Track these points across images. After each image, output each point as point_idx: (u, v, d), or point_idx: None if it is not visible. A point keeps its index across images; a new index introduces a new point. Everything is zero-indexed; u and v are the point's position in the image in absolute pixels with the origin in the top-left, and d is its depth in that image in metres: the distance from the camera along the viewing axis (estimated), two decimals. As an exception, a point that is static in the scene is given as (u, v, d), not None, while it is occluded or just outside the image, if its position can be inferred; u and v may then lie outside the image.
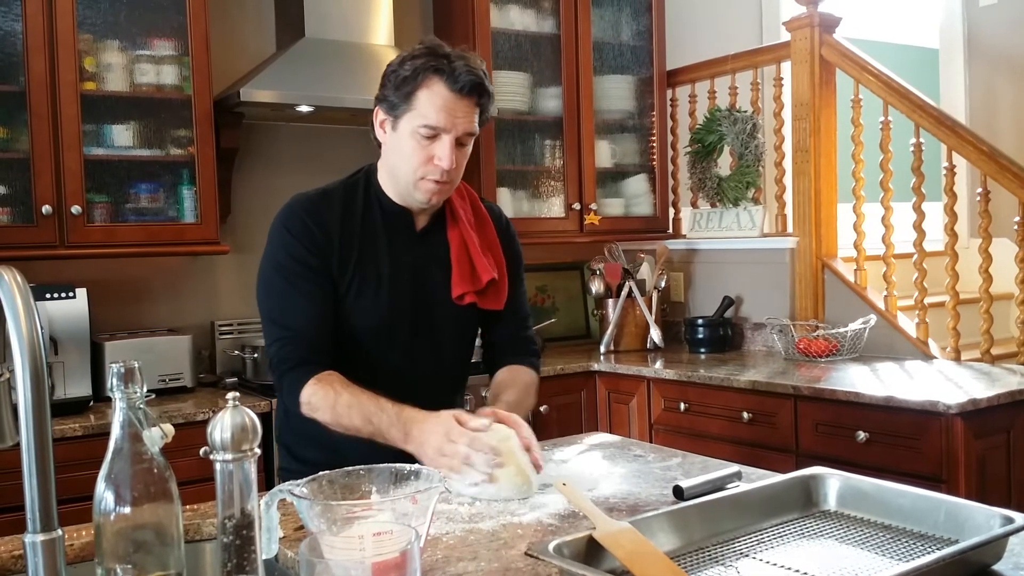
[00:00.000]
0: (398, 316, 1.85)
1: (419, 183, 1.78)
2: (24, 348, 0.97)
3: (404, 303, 1.85)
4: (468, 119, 1.76)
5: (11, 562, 1.36)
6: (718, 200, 3.92)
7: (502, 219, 2.02)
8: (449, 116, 1.73)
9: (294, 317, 1.78)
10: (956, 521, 1.25)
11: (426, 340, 1.88)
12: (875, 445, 2.65)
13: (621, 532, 1.19)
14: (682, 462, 1.81)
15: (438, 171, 1.75)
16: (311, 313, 1.78)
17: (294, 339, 1.77)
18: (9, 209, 2.84)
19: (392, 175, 1.83)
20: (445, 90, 1.72)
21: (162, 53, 3.05)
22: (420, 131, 1.73)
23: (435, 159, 1.74)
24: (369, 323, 1.83)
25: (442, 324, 1.90)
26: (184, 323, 3.35)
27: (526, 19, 3.84)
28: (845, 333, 3.29)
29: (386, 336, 1.85)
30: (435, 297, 1.88)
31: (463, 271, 1.87)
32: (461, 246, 1.88)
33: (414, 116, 1.74)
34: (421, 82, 1.72)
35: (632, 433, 3.40)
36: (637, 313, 3.84)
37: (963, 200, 3.84)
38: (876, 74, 3.36)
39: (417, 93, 1.72)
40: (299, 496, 1.13)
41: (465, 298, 1.88)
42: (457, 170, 1.79)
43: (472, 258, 1.88)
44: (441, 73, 1.72)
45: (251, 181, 3.51)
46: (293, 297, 1.78)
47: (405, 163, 1.78)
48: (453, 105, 1.73)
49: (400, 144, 1.77)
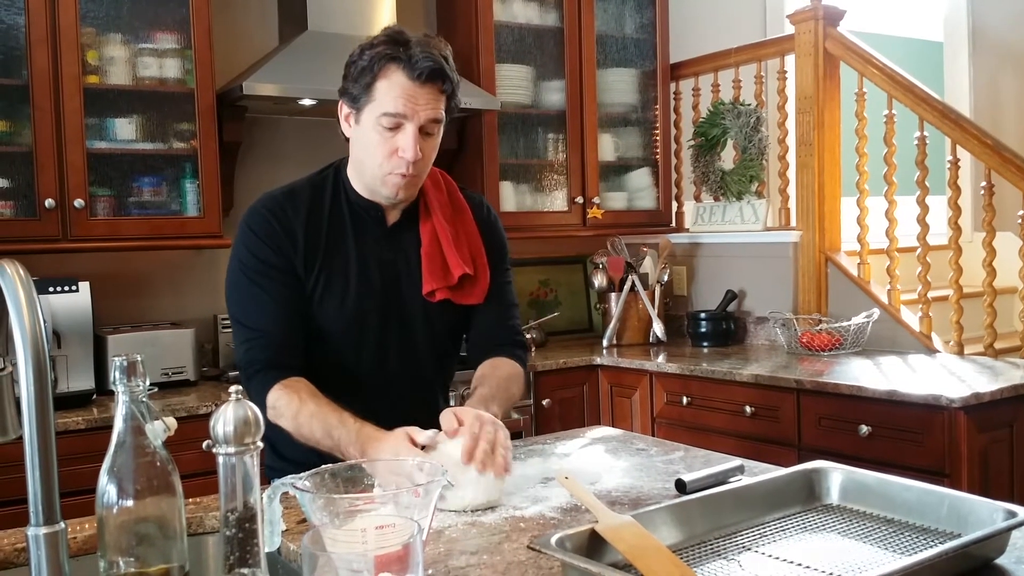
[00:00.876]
0: (368, 315, 1.79)
1: (386, 178, 1.72)
2: (27, 341, 0.97)
3: (374, 301, 1.79)
4: (431, 107, 1.68)
5: (14, 555, 1.36)
6: (721, 194, 3.92)
7: (483, 207, 1.95)
8: (410, 104, 1.66)
9: (260, 318, 1.73)
10: (959, 515, 1.25)
11: (399, 339, 1.82)
12: (878, 439, 2.65)
13: (623, 526, 1.19)
14: (684, 456, 1.81)
15: (403, 163, 1.69)
16: (277, 314, 1.73)
17: (261, 340, 1.72)
18: (12, 203, 2.84)
19: (359, 170, 1.78)
20: (403, 79, 1.66)
21: (165, 46, 3.05)
22: (382, 121, 1.67)
23: (399, 151, 1.68)
24: (337, 322, 1.78)
25: (415, 322, 1.83)
26: (187, 317, 3.35)
27: (529, 12, 3.83)
28: (848, 327, 3.29)
29: (356, 335, 1.79)
30: (406, 294, 1.82)
31: (433, 266, 1.81)
32: (433, 240, 1.82)
33: (375, 107, 1.68)
34: (379, 72, 1.66)
35: (634, 427, 3.40)
36: (640, 307, 3.84)
37: (967, 194, 3.83)
38: (880, 67, 3.35)
39: (376, 84, 1.67)
40: (302, 489, 1.13)
41: (436, 294, 1.81)
42: (424, 161, 1.72)
43: (444, 252, 1.81)
44: (398, 61, 1.66)
45: (254, 175, 3.50)
46: (259, 297, 1.74)
47: (370, 157, 1.72)
48: (413, 93, 1.66)
49: (364, 137, 1.72)
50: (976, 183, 3.99)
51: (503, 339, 1.91)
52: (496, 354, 1.88)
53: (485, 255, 1.88)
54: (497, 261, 1.92)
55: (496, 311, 1.91)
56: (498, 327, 1.91)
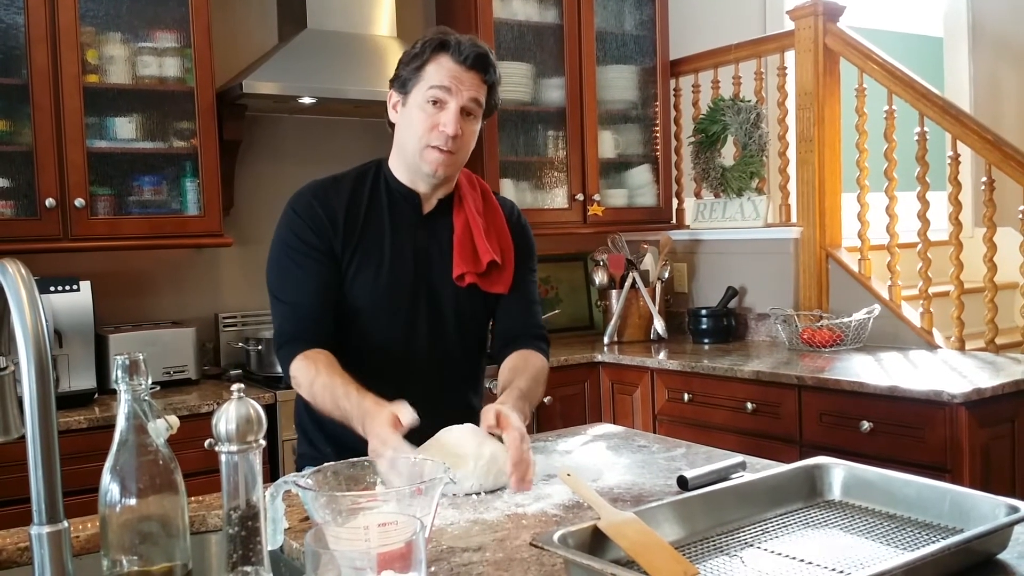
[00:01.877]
0: (399, 293, 1.86)
1: (424, 152, 1.81)
2: (29, 341, 0.98)
3: (405, 284, 1.87)
4: (474, 89, 1.81)
5: (17, 554, 1.36)
6: (722, 190, 3.91)
7: (514, 212, 2.04)
8: (455, 82, 1.79)
9: (293, 292, 1.84)
10: (961, 510, 1.25)
11: (428, 320, 1.89)
12: (879, 435, 2.65)
13: (626, 522, 1.19)
14: (686, 452, 1.81)
15: (443, 137, 1.79)
16: (309, 288, 1.83)
17: (291, 314, 1.83)
18: (13, 202, 2.84)
19: (401, 151, 1.87)
20: (451, 62, 1.79)
21: (164, 45, 3.05)
22: (428, 95, 1.79)
23: (441, 125, 1.79)
24: (369, 298, 1.85)
25: (444, 305, 1.90)
26: (188, 315, 3.35)
27: (529, 9, 3.83)
28: (849, 323, 3.29)
29: (386, 316, 1.86)
30: (438, 279, 1.89)
31: (464, 252, 1.89)
32: (464, 228, 1.91)
33: (422, 86, 1.80)
34: (429, 57, 1.80)
35: (636, 424, 3.40)
36: (640, 304, 3.84)
37: (967, 189, 3.82)
38: (880, 63, 3.34)
39: (426, 67, 1.80)
40: (304, 487, 1.14)
41: (466, 278, 1.89)
42: (463, 142, 1.83)
43: (475, 240, 1.90)
44: (447, 47, 1.80)
45: (254, 173, 3.50)
46: (295, 275, 1.84)
47: (412, 133, 1.82)
48: (459, 75, 1.79)
49: (410, 117, 1.83)
50: (977, 178, 3.99)
51: (527, 332, 1.98)
52: (521, 346, 1.94)
53: (513, 252, 1.96)
54: (525, 259, 2.00)
55: (521, 305, 1.99)
56: (522, 320, 1.98)
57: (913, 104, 3.27)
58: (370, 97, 3.20)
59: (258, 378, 3.14)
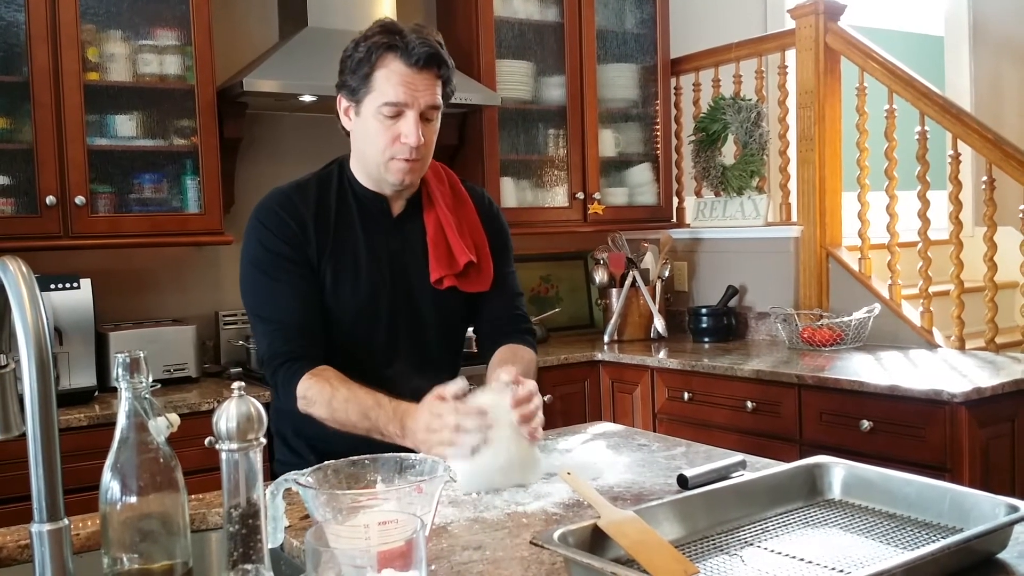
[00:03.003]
0: (377, 304, 1.82)
1: (389, 164, 1.75)
2: (30, 338, 0.98)
3: (382, 291, 1.82)
4: (429, 92, 1.73)
5: (18, 552, 1.36)
6: (722, 189, 3.91)
7: (484, 199, 1.99)
8: (409, 91, 1.70)
9: (280, 310, 1.76)
10: (961, 509, 1.25)
11: (408, 328, 1.85)
12: (879, 434, 2.65)
13: (626, 521, 1.19)
14: (686, 451, 1.81)
15: (406, 149, 1.73)
16: (296, 305, 1.76)
17: (283, 332, 1.75)
18: (13, 200, 2.84)
19: (362, 161, 1.81)
20: (402, 66, 1.70)
21: (165, 43, 3.05)
22: (383, 111, 1.71)
23: (401, 137, 1.72)
24: (348, 312, 1.80)
25: (424, 311, 1.86)
26: (188, 313, 3.35)
27: (529, 7, 3.83)
28: (849, 322, 3.29)
29: (366, 325, 1.82)
30: (415, 283, 1.85)
31: (439, 254, 1.84)
32: (437, 229, 1.85)
33: (375, 97, 1.72)
34: (376, 61, 1.70)
35: (636, 423, 3.40)
36: (641, 303, 3.84)
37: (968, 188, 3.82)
38: (881, 62, 3.34)
39: (374, 74, 1.71)
40: (305, 485, 1.14)
41: (444, 282, 1.84)
42: (427, 147, 1.76)
43: (448, 240, 1.84)
44: (395, 49, 1.70)
45: (255, 171, 3.50)
46: (276, 290, 1.76)
47: (372, 146, 1.75)
48: (412, 79, 1.70)
49: (365, 127, 1.75)
50: (977, 178, 3.99)
51: (513, 326, 1.95)
52: (508, 341, 1.91)
53: (488, 245, 1.91)
54: (500, 250, 1.95)
55: (503, 299, 1.94)
56: (506, 315, 1.95)
57: (914, 103, 3.26)
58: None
59: (258, 376, 3.14)
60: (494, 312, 1.94)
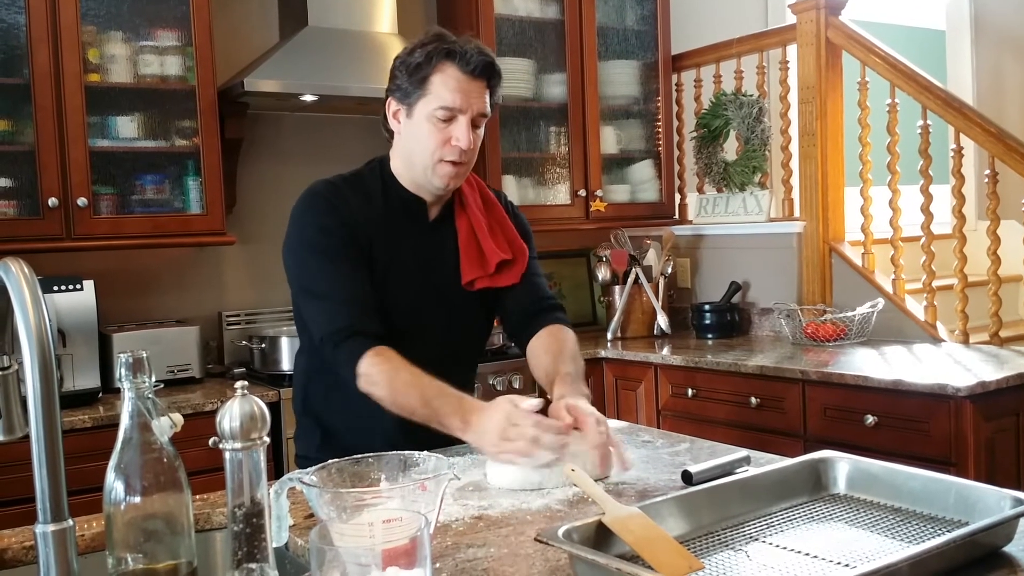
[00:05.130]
0: (412, 305, 1.85)
1: (437, 166, 1.79)
2: (33, 340, 0.98)
3: (414, 292, 1.85)
4: (481, 100, 1.79)
5: (22, 553, 1.37)
6: (724, 185, 3.91)
7: (504, 199, 2.04)
8: (464, 96, 1.75)
9: (338, 288, 1.75)
10: (966, 503, 1.25)
11: (440, 332, 1.88)
12: (884, 429, 2.65)
13: (630, 517, 1.19)
14: (690, 447, 1.81)
15: (456, 151, 1.77)
16: (355, 283, 1.76)
17: (343, 308, 1.74)
18: (15, 202, 2.85)
19: (407, 162, 1.84)
20: (458, 72, 1.75)
21: (165, 44, 3.05)
22: (437, 114, 1.76)
23: (453, 140, 1.76)
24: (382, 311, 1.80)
25: (452, 313, 1.89)
26: (191, 314, 3.36)
27: (530, 5, 3.82)
28: (853, 317, 3.29)
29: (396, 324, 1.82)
30: (445, 286, 1.88)
31: (470, 256, 1.88)
32: (468, 232, 1.89)
33: (429, 100, 1.76)
34: (435, 66, 1.75)
35: (640, 419, 3.40)
36: (644, 299, 3.84)
37: (971, 182, 3.82)
38: (882, 56, 3.34)
39: (431, 78, 1.75)
40: (309, 484, 1.14)
41: (476, 283, 1.88)
42: (472, 152, 1.81)
43: (480, 242, 1.89)
44: (454, 56, 1.75)
45: (256, 171, 3.50)
46: (333, 270, 1.76)
47: (422, 148, 1.79)
48: (467, 86, 1.76)
49: (416, 130, 1.79)
50: (980, 171, 3.98)
51: (541, 305, 1.98)
52: (541, 322, 1.94)
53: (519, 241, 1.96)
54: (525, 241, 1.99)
55: (528, 283, 1.97)
56: (534, 297, 1.98)
57: (916, 97, 3.26)
58: (372, 94, 3.20)
59: (262, 376, 3.14)
60: (521, 297, 1.96)
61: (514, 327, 1.99)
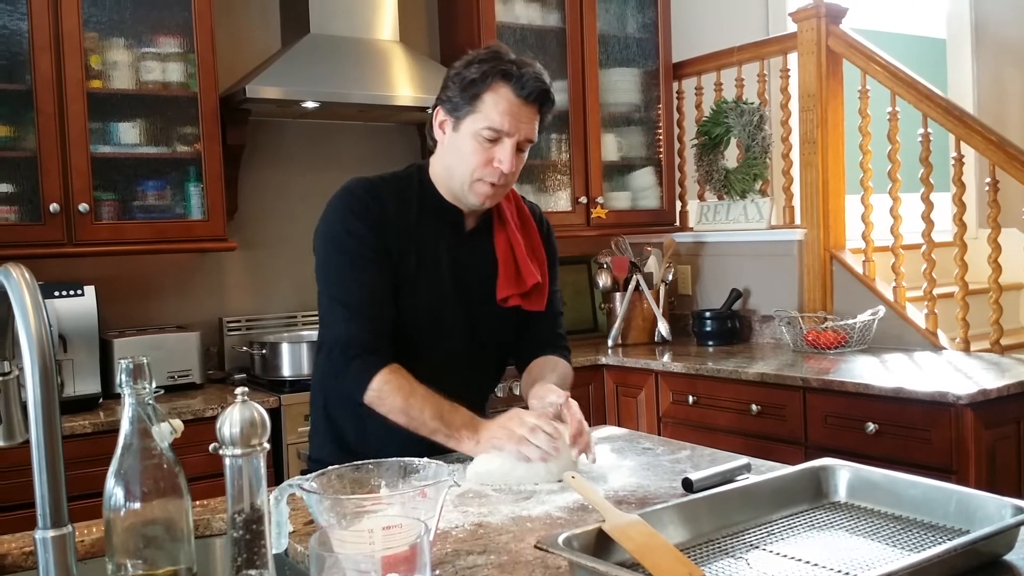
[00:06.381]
0: (440, 314, 1.84)
1: (475, 184, 1.78)
2: (33, 345, 0.98)
3: (444, 302, 1.84)
4: (530, 125, 1.77)
5: (22, 559, 1.36)
6: (725, 192, 3.91)
7: (543, 220, 2.04)
8: (514, 121, 1.73)
9: (360, 299, 1.76)
10: (967, 511, 1.25)
11: (466, 342, 1.88)
12: (885, 436, 2.64)
13: (630, 524, 1.19)
14: (691, 455, 1.81)
15: (496, 173, 1.76)
16: (377, 297, 1.76)
17: (361, 322, 1.74)
18: (17, 207, 2.85)
19: (447, 174, 1.82)
20: (512, 95, 1.73)
21: (168, 50, 3.06)
22: (483, 133, 1.74)
23: (495, 161, 1.75)
24: (409, 318, 1.81)
25: (480, 327, 1.90)
26: (192, 320, 3.35)
27: (531, 13, 3.83)
28: (854, 325, 3.28)
29: (423, 333, 1.83)
30: (476, 297, 1.88)
31: (508, 273, 1.88)
32: (507, 249, 1.89)
33: (478, 118, 1.74)
34: (489, 85, 1.73)
35: (640, 426, 3.39)
36: (644, 306, 3.84)
37: (971, 190, 3.82)
38: (883, 64, 3.34)
39: (483, 96, 1.73)
40: (309, 491, 1.13)
41: (510, 300, 1.89)
42: (513, 176, 1.79)
43: (518, 262, 1.88)
44: (509, 78, 1.72)
45: (258, 178, 3.51)
46: (359, 278, 1.76)
47: (463, 164, 1.77)
48: (518, 110, 1.73)
49: (460, 145, 1.77)
50: (981, 179, 3.98)
51: (552, 343, 2.01)
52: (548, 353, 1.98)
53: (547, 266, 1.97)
54: (551, 269, 2.01)
55: (549, 318, 2.01)
56: (549, 333, 2.01)
57: (916, 105, 3.26)
58: (373, 101, 3.21)
59: (262, 382, 3.14)
60: (539, 329, 1.99)
61: (521, 352, 2.01)
